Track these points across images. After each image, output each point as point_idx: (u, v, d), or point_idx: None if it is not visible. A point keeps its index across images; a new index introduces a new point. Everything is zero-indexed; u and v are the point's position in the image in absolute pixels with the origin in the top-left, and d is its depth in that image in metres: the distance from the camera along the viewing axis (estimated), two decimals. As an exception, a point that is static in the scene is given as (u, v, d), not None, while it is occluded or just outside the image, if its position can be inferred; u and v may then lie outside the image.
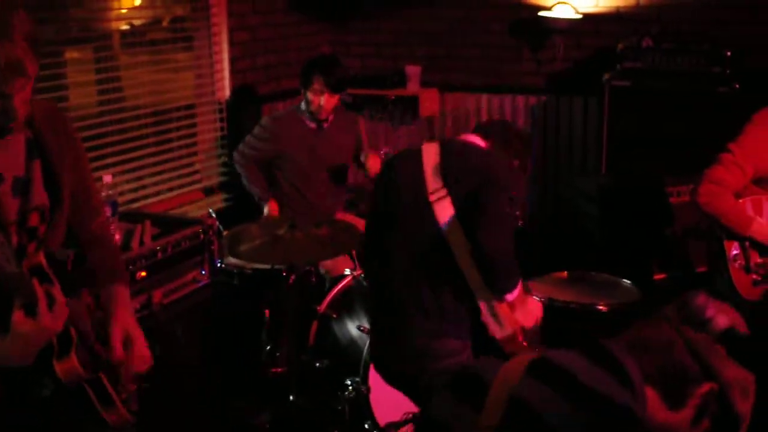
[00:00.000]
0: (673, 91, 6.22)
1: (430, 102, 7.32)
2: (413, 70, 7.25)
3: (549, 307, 4.57)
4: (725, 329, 1.81)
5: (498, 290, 3.66)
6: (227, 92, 6.44)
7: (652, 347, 1.90)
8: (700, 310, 1.82)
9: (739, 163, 4.12)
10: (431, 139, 7.13)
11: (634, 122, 6.29)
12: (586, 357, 1.92)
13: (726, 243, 4.23)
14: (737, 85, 6.05)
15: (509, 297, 3.69)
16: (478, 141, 3.83)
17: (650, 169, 5.88)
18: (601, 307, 4.52)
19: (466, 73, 7.35)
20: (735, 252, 4.23)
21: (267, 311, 4.68)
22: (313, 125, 5.59)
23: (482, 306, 3.68)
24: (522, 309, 3.83)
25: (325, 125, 5.63)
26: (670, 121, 6.26)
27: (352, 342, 4.62)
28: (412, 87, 7.28)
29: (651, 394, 1.88)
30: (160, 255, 4.23)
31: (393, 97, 7.35)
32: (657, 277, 5.47)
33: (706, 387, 1.86)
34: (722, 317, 1.81)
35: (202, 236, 4.48)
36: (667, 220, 5.46)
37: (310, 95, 5.51)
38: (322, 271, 5.17)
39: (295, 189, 5.65)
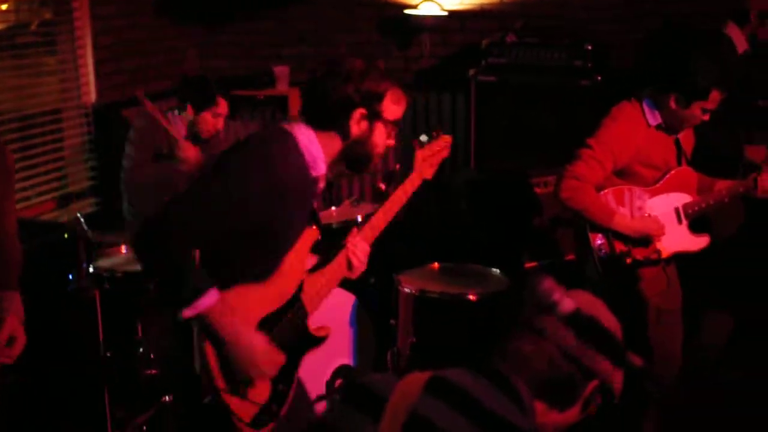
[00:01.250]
0: (537, 85, 6.35)
1: (299, 101, 7.29)
2: (282, 71, 7.24)
3: (421, 298, 4.64)
4: (571, 312, 1.87)
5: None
6: (93, 96, 6.35)
7: (533, 365, 1.97)
8: (547, 294, 1.87)
9: (598, 158, 4.19)
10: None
11: (501, 116, 6.40)
12: (481, 377, 1.98)
13: (591, 234, 4.33)
14: (599, 78, 6.21)
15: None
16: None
17: (518, 162, 5.99)
18: (471, 297, 4.60)
19: (335, 71, 7.37)
20: (599, 242, 4.33)
21: (138, 314, 4.63)
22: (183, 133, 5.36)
23: None
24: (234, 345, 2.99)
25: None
26: (536, 115, 6.39)
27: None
28: (281, 87, 7.27)
29: (540, 406, 1.98)
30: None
31: (262, 97, 7.32)
32: (528, 265, 5.57)
33: (590, 387, 1.98)
34: (568, 301, 1.87)
35: (68, 240, 4.41)
36: (535, 210, 5.57)
37: (207, 116, 5.20)
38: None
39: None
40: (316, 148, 3.09)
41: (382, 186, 5.70)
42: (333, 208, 5.49)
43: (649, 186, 4.35)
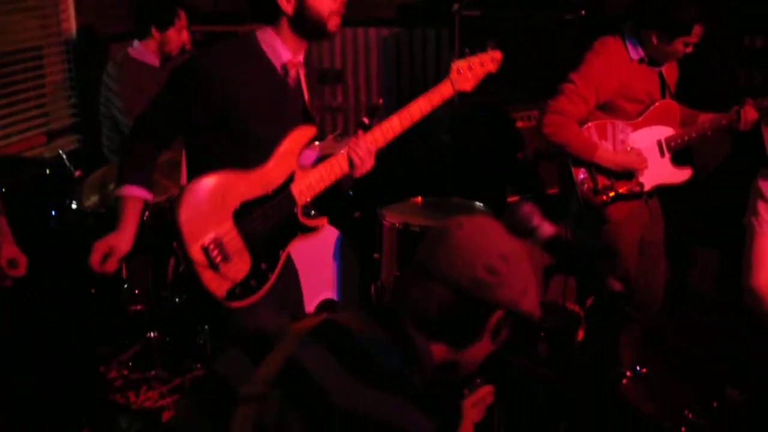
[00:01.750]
0: (521, 19, 6.31)
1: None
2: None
3: (405, 231, 4.65)
4: (550, 237, 1.88)
5: None
6: (74, 32, 6.29)
7: (422, 308, 1.99)
8: (526, 218, 1.89)
9: (581, 93, 4.20)
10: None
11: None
12: (374, 322, 2.00)
13: (573, 168, 4.35)
14: (583, 12, 6.18)
15: None
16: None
17: (502, 96, 5.97)
18: (454, 230, 4.61)
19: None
20: (582, 176, 4.35)
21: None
22: (157, 63, 5.41)
23: None
24: None
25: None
26: (520, 49, 6.36)
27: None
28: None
29: (438, 348, 2.01)
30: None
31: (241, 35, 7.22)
32: (511, 199, 5.59)
33: (493, 319, 2.00)
34: (547, 226, 1.89)
35: (51, 177, 4.40)
36: (517, 144, 5.57)
37: (173, 33, 5.28)
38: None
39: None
40: (273, 39, 3.29)
41: (366, 120, 5.68)
42: (316, 143, 5.47)
43: (632, 120, 4.36)
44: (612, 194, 4.33)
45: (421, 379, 1.96)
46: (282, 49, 3.31)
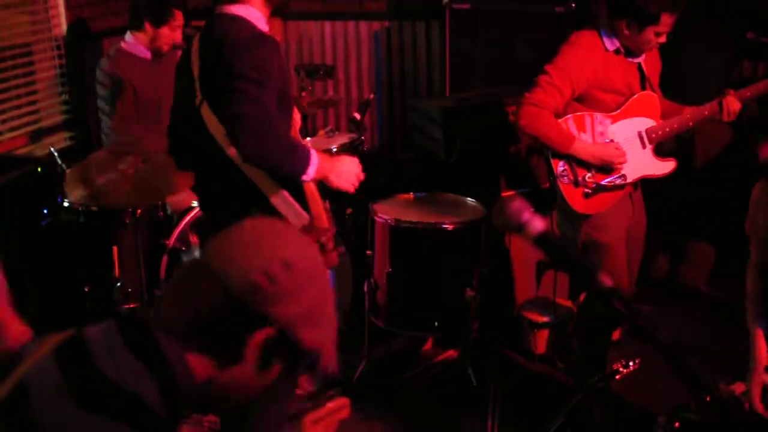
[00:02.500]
0: (512, 12, 6.32)
1: (273, 30, 7.23)
2: (255, 0, 7.16)
3: (397, 227, 4.66)
4: (540, 233, 1.86)
5: (288, 174, 3.48)
6: (64, 28, 6.27)
7: (190, 305, 1.77)
8: (516, 214, 1.86)
9: (556, 84, 4.21)
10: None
11: (477, 44, 6.38)
12: (118, 338, 1.74)
13: (552, 160, 4.35)
14: (573, 5, 6.18)
15: (306, 176, 3.48)
16: (232, 8, 3.56)
17: (494, 90, 5.97)
18: (446, 226, 4.61)
19: (308, 1, 7.31)
20: (562, 168, 4.35)
21: (115, 248, 4.63)
22: (149, 56, 5.43)
23: (274, 201, 3.56)
24: (335, 176, 3.63)
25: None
26: (511, 42, 6.37)
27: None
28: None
29: (199, 360, 1.76)
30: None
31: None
32: (504, 194, 5.58)
33: (259, 336, 1.77)
34: (538, 221, 1.85)
35: (42, 175, 4.39)
36: (511, 138, 5.56)
37: (166, 30, 5.28)
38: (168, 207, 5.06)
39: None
40: (250, 12, 3.52)
41: (357, 115, 5.70)
42: (308, 138, 5.48)
43: (611, 111, 4.36)
44: (592, 186, 4.33)
45: (169, 400, 1.71)
46: (261, 21, 3.55)
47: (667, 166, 4.48)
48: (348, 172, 3.66)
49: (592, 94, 4.30)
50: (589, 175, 4.31)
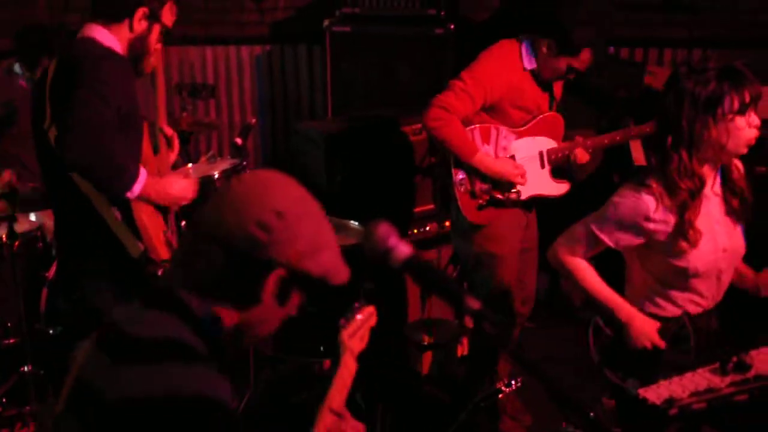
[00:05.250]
0: (392, 35, 6.36)
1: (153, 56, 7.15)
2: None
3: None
4: (407, 258, 1.85)
5: (113, 190, 3.48)
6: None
7: (198, 269, 1.89)
8: (383, 239, 1.85)
9: (469, 91, 4.24)
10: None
11: (357, 67, 6.40)
12: (150, 309, 1.90)
13: (453, 169, 4.39)
14: (452, 26, 6.25)
15: (131, 194, 3.46)
16: (86, 31, 3.63)
17: (374, 112, 5.99)
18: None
19: (189, 25, 7.24)
20: (461, 176, 4.39)
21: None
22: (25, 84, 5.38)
23: (115, 228, 3.56)
24: (161, 198, 3.64)
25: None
26: (392, 65, 6.40)
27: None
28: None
29: (224, 309, 1.89)
30: None
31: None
32: (417, 209, 5.55)
33: (271, 279, 1.89)
34: (404, 246, 1.85)
35: None
36: (395, 158, 5.57)
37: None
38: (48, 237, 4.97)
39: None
40: (109, 38, 3.56)
41: (239, 140, 5.65)
42: (189, 165, 5.42)
43: (516, 127, 4.42)
44: (487, 198, 4.38)
45: (210, 345, 1.87)
46: (116, 47, 3.59)
47: (561, 188, 4.56)
48: (176, 197, 3.68)
49: (501, 107, 4.35)
50: (485, 187, 4.36)
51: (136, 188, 3.44)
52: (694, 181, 3.17)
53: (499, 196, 4.40)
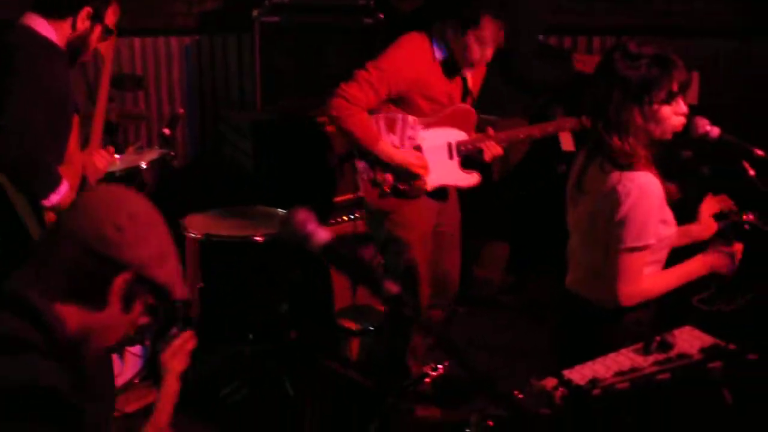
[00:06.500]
0: (321, 25, 6.35)
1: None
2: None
3: (207, 242, 4.62)
4: (325, 244, 1.86)
5: (31, 192, 3.49)
6: None
7: (52, 267, 2.01)
8: (301, 225, 1.85)
9: (373, 83, 4.24)
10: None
11: (287, 57, 6.38)
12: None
13: (357, 158, 4.40)
14: (382, 16, 6.25)
15: (47, 202, 3.49)
16: (24, 19, 3.66)
17: (304, 103, 5.99)
18: (257, 238, 4.61)
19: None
20: (362, 165, 4.40)
21: None
22: None
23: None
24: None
25: None
26: (321, 55, 6.39)
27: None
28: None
29: (69, 309, 2.00)
30: None
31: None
32: (337, 199, 5.58)
33: (119, 280, 2.02)
34: (322, 232, 1.85)
35: None
36: (323, 148, 5.58)
37: None
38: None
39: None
40: (48, 30, 3.59)
41: (167, 131, 5.62)
42: (116, 155, 5.37)
43: (425, 118, 4.42)
44: (387, 188, 4.39)
45: (51, 343, 1.94)
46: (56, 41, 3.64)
47: (471, 179, 4.57)
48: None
49: (410, 98, 4.35)
50: (387, 176, 4.37)
51: (54, 198, 3.46)
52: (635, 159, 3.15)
53: (402, 187, 4.41)
